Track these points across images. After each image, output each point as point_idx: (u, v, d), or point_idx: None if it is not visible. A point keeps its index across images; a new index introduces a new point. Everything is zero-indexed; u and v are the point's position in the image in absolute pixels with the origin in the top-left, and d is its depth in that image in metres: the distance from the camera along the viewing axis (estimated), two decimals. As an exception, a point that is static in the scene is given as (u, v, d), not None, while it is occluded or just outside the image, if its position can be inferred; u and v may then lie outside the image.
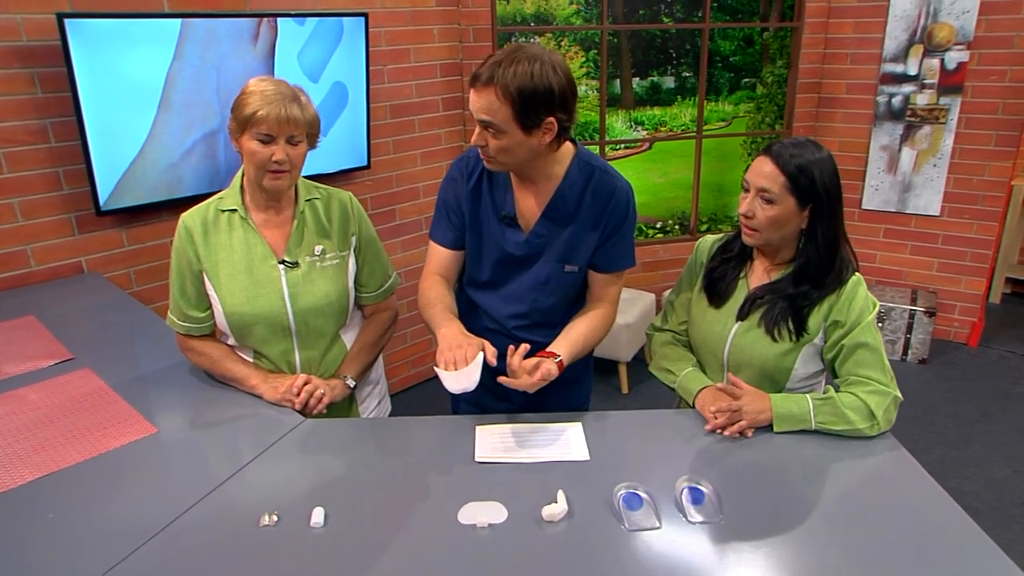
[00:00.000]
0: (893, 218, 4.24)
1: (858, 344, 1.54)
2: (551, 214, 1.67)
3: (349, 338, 1.86)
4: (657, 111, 4.05)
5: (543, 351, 1.60)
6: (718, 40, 3.97)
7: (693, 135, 4.12)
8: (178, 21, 2.46)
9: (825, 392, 1.58)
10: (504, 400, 1.85)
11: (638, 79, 3.97)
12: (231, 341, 1.79)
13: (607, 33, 3.78)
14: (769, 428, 1.54)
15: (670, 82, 4.01)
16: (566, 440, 1.55)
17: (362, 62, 3.07)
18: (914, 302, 4.06)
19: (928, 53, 3.88)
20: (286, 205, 1.73)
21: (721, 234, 1.78)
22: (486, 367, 1.47)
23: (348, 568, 1.19)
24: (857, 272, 1.59)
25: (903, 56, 3.94)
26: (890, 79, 4.00)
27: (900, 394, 1.53)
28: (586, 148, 1.70)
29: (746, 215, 1.56)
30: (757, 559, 1.20)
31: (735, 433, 1.53)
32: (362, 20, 3.01)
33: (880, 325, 3.99)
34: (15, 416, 1.61)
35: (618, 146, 4.07)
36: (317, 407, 1.67)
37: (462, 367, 1.45)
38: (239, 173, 1.72)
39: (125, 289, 2.57)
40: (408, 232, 3.65)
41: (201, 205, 1.71)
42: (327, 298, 1.74)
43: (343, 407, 1.84)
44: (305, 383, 1.67)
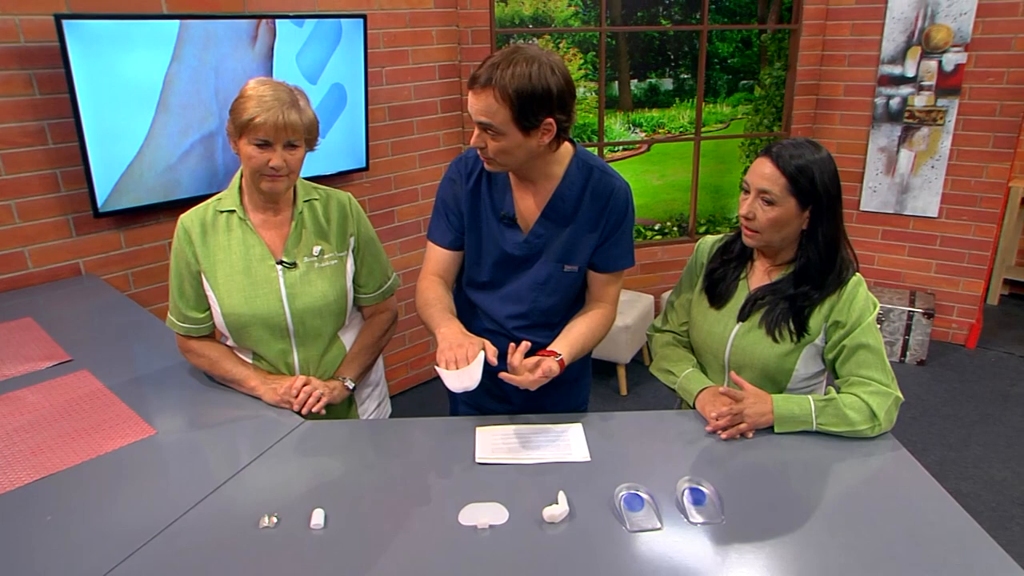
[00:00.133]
0: (891, 219, 4.24)
1: (859, 345, 1.53)
2: (550, 214, 1.67)
3: (348, 339, 1.85)
4: (655, 113, 4.05)
5: (544, 350, 1.60)
6: (716, 42, 3.97)
7: (691, 137, 4.12)
8: (176, 22, 2.46)
9: (826, 393, 1.57)
10: (503, 401, 1.85)
11: (636, 81, 3.97)
12: (230, 342, 1.78)
13: (605, 35, 3.79)
14: (770, 429, 1.54)
15: (668, 84, 4.01)
16: (567, 441, 1.55)
17: (361, 64, 3.07)
18: (912, 303, 4.06)
19: (926, 55, 3.89)
20: (284, 206, 1.72)
21: (721, 235, 1.78)
22: (485, 369, 1.46)
23: (349, 569, 1.18)
24: (858, 273, 1.59)
25: (901, 58, 3.95)
26: (888, 81, 4.01)
27: (901, 394, 1.53)
28: (584, 148, 1.70)
29: (747, 217, 1.56)
30: (759, 560, 1.19)
31: (735, 435, 1.53)
32: (361, 22, 3.01)
33: (879, 326, 3.99)
34: (13, 418, 1.60)
35: (616, 148, 4.07)
36: (315, 407, 1.67)
37: (463, 366, 1.44)
38: (238, 174, 1.71)
39: (123, 291, 2.56)
40: (407, 234, 3.65)
41: (200, 206, 1.71)
42: (325, 299, 1.73)
43: (342, 408, 1.84)
44: (304, 384, 1.66)
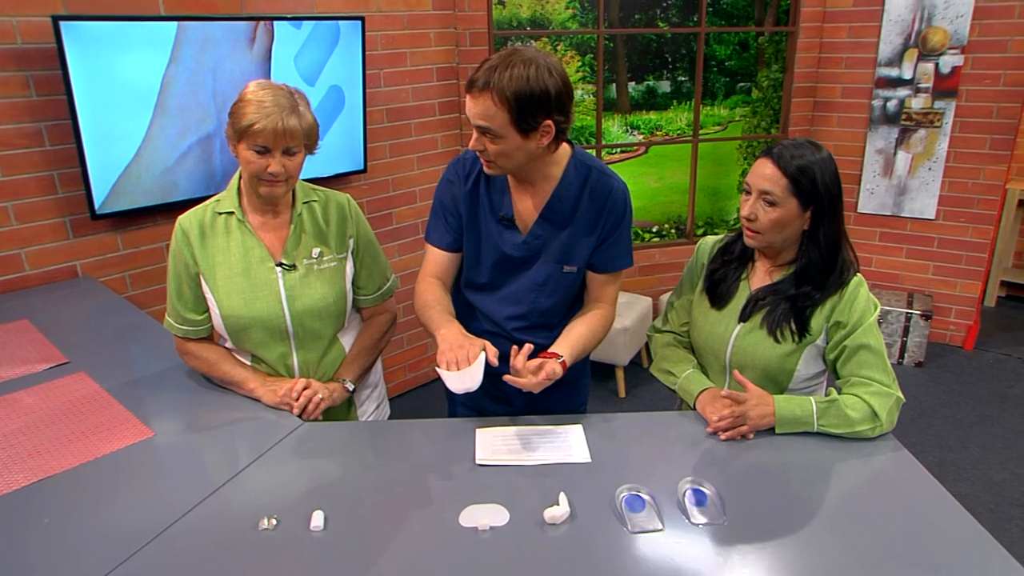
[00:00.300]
0: (889, 221, 4.25)
1: (860, 345, 1.53)
2: (549, 215, 1.67)
3: (347, 341, 1.85)
4: (653, 115, 4.05)
5: (545, 352, 1.59)
6: (713, 44, 3.98)
7: (689, 139, 4.12)
8: (174, 24, 2.45)
9: (828, 394, 1.57)
10: (502, 403, 1.84)
11: (634, 83, 3.97)
12: (229, 344, 1.77)
13: (603, 37, 3.79)
14: (771, 430, 1.54)
15: (666, 86, 4.01)
16: (567, 442, 1.54)
17: (359, 66, 3.07)
18: (910, 305, 4.06)
19: (923, 57, 3.90)
20: (283, 208, 1.72)
21: (722, 235, 1.78)
22: (484, 371, 1.46)
23: (349, 571, 1.18)
24: (859, 273, 1.59)
25: (898, 60, 3.96)
26: (885, 83, 4.02)
27: (902, 395, 1.53)
28: (582, 149, 1.70)
29: (748, 218, 1.56)
30: (761, 561, 1.19)
31: (736, 436, 1.53)
32: (359, 24, 3.01)
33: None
34: (10, 420, 1.59)
35: (614, 150, 4.07)
36: (315, 412, 1.66)
37: (464, 367, 1.44)
38: (236, 175, 1.71)
39: (120, 293, 2.55)
40: (405, 236, 3.65)
41: (198, 208, 1.70)
42: (324, 301, 1.73)
43: (341, 410, 1.83)
44: (304, 387, 1.66)
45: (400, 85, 3.38)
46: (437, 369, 1.47)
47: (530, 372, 1.49)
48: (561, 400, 1.83)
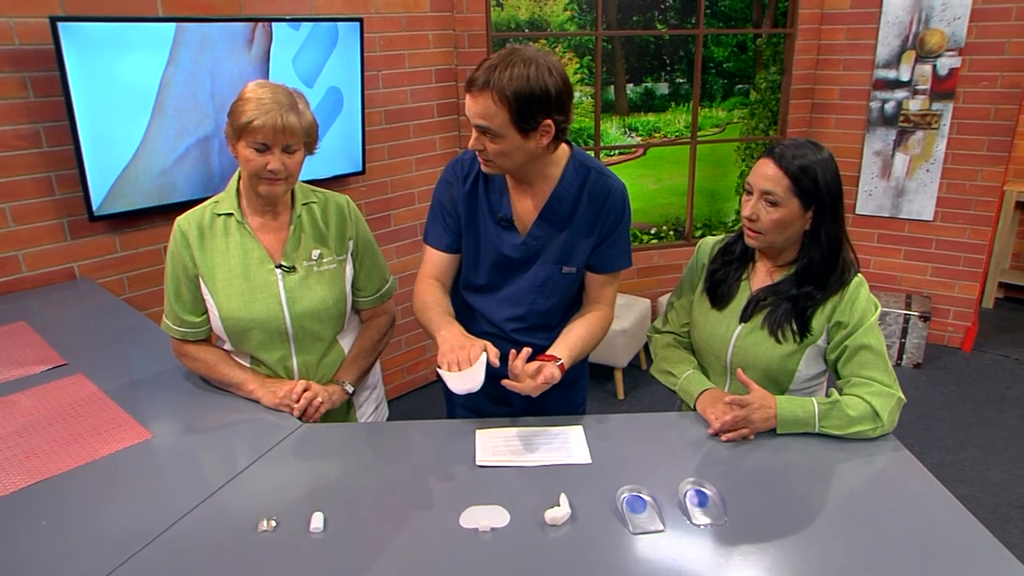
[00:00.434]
0: (887, 223, 4.25)
1: (861, 346, 1.53)
2: (548, 216, 1.66)
3: (346, 343, 1.84)
4: (651, 117, 4.06)
5: (543, 354, 1.59)
6: (711, 46, 3.98)
7: (687, 141, 4.12)
8: (172, 25, 2.45)
9: (829, 394, 1.57)
10: (502, 404, 1.84)
11: (632, 85, 3.97)
12: (227, 346, 1.77)
13: (601, 39, 3.79)
14: (772, 430, 1.53)
15: (664, 88, 4.01)
16: (567, 443, 1.54)
17: (357, 67, 3.07)
18: (908, 307, 4.07)
19: (920, 59, 3.90)
20: (283, 209, 1.71)
21: (722, 236, 1.78)
22: (485, 372, 1.45)
23: (349, 573, 1.17)
24: (859, 274, 1.59)
25: (895, 62, 3.97)
26: (883, 85, 4.03)
27: (903, 395, 1.53)
28: (581, 150, 1.70)
29: (750, 218, 1.55)
30: (763, 561, 1.19)
31: (737, 439, 1.52)
32: (357, 25, 3.00)
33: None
34: (7, 422, 1.58)
35: (612, 152, 4.07)
36: (314, 416, 1.66)
37: (465, 368, 1.43)
38: (235, 177, 1.70)
39: (118, 295, 2.54)
40: (403, 238, 3.64)
41: (197, 209, 1.70)
42: (324, 303, 1.72)
43: (340, 412, 1.82)
44: (304, 390, 1.65)
45: (398, 87, 3.37)
46: (438, 370, 1.47)
47: (528, 376, 1.49)
48: (560, 401, 1.83)
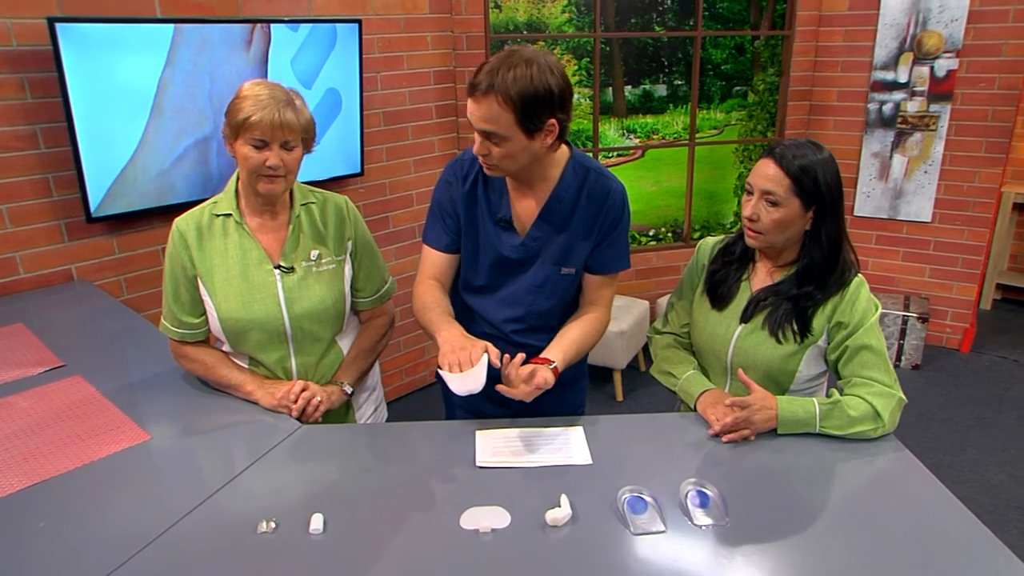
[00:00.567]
0: (885, 224, 4.26)
1: (861, 346, 1.53)
2: (547, 216, 1.66)
3: (345, 344, 1.83)
4: (649, 119, 4.06)
5: (537, 357, 1.58)
6: (709, 48, 3.99)
7: (685, 143, 4.13)
8: (170, 26, 2.45)
9: (830, 395, 1.57)
10: (501, 405, 1.82)
11: (630, 87, 3.97)
12: (226, 347, 1.76)
13: (600, 41, 3.79)
14: (773, 430, 1.53)
15: (662, 90, 4.02)
16: (568, 444, 1.53)
17: (355, 69, 3.06)
18: (907, 308, 4.07)
19: (918, 61, 3.91)
20: (281, 210, 1.71)
21: (722, 236, 1.77)
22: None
23: (349, 574, 1.17)
24: (859, 274, 1.59)
25: (893, 64, 3.97)
26: (881, 87, 4.03)
27: (904, 396, 1.53)
28: (581, 151, 1.70)
29: (751, 218, 1.55)
30: (765, 562, 1.18)
31: (738, 439, 1.52)
32: (355, 27, 3.00)
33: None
34: (5, 424, 1.57)
35: (611, 154, 4.07)
36: (313, 416, 1.65)
37: (467, 369, 1.43)
38: (233, 177, 1.69)
39: (116, 297, 2.53)
40: (401, 239, 3.64)
41: (195, 209, 1.69)
42: (323, 303, 1.71)
43: (339, 413, 1.82)
44: (302, 390, 1.64)
45: (397, 88, 3.37)
46: (439, 371, 1.46)
47: (522, 380, 1.49)
48: (559, 402, 1.82)
